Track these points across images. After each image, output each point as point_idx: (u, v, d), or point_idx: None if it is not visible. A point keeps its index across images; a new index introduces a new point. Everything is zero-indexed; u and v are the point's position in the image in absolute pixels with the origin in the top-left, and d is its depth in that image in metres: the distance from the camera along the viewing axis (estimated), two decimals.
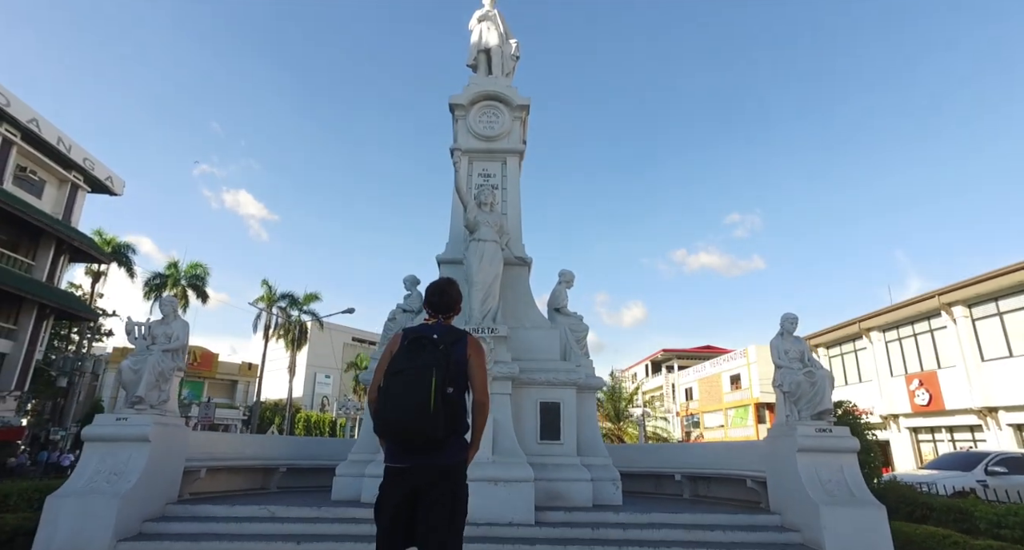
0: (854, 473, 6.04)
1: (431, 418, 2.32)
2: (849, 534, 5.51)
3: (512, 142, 9.01)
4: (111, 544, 5.30)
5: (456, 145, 8.87)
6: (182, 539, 5.54)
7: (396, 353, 2.55)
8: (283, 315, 34.87)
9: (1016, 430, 18.35)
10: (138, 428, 5.88)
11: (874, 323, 23.81)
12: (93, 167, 26.89)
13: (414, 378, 2.38)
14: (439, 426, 2.34)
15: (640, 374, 51.89)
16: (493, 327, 7.23)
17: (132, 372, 6.08)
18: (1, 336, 24.24)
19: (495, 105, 8.92)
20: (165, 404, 6.27)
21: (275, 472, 8.63)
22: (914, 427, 22.68)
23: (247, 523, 6.01)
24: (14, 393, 24.87)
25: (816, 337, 27.29)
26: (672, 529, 6.12)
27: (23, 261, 24.88)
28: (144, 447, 5.86)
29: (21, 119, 23.24)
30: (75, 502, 5.36)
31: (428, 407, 2.32)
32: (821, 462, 6.05)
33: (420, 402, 2.32)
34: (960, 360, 19.87)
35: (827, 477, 5.94)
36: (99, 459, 5.78)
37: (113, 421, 5.94)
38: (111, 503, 5.39)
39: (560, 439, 7.64)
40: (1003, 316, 18.66)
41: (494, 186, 8.42)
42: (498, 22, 9.55)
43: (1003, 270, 17.81)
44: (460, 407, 2.52)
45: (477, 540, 5.56)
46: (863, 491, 5.89)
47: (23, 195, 24.17)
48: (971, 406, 19.20)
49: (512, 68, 9.55)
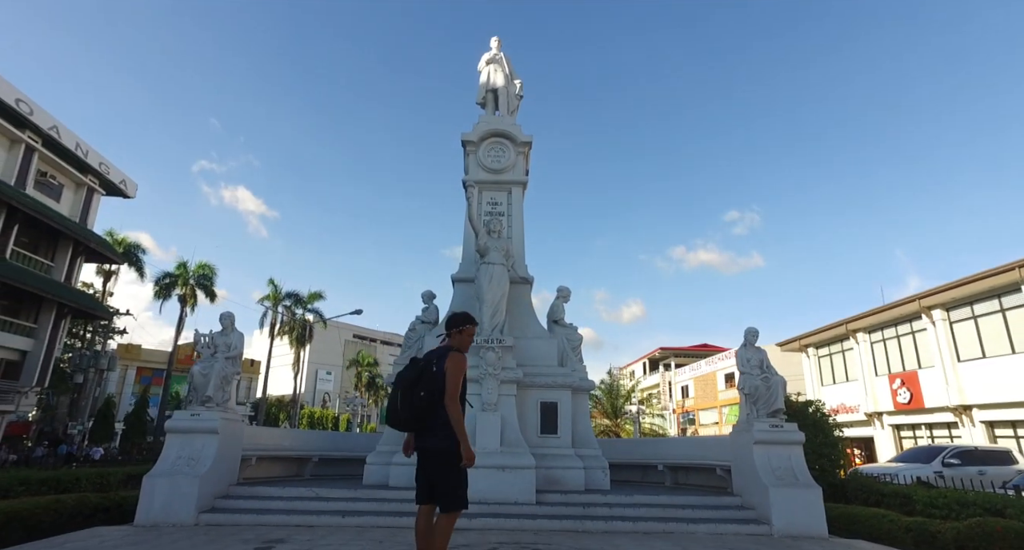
0: (799, 461, 7.40)
1: (398, 415, 3.68)
2: (791, 510, 6.89)
3: (516, 174, 10.35)
4: (194, 515, 6.66)
5: (467, 177, 10.21)
6: (249, 512, 6.91)
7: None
8: (288, 313, 36.19)
9: (988, 427, 19.74)
10: (209, 422, 7.23)
11: (860, 324, 25.17)
12: (108, 171, 28.16)
13: (396, 388, 3.72)
14: (406, 420, 3.67)
15: (638, 372, 53.33)
16: (501, 339, 8.62)
17: (202, 376, 7.42)
18: (23, 334, 25.54)
19: (502, 141, 10.25)
20: (227, 402, 7.61)
21: (309, 461, 10.01)
22: (896, 424, 24.08)
23: (297, 501, 7.39)
24: (35, 389, 26.25)
25: (806, 337, 28.67)
26: (650, 508, 7.50)
27: (43, 262, 26.16)
28: (214, 438, 7.22)
29: (43, 126, 24.47)
30: (165, 481, 6.72)
31: (396, 408, 3.68)
32: (773, 452, 7.41)
33: (392, 405, 3.76)
34: (939, 360, 21.24)
35: (777, 464, 7.31)
36: (179, 447, 7.14)
37: (188, 416, 7.28)
38: (193, 482, 6.75)
39: (557, 433, 9.04)
40: (977, 319, 20.03)
41: (500, 213, 9.79)
42: (504, 64, 10.85)
43: (977, 275, 19.14)
44: (427, 407, 3.66)
45: (489, 515, 6.94)
46: (805, 476, 7.26)
47: (44, 199, 25.43)
48: (948, 404, 20.58)
49: (516, 106, 10.87)
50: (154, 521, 6.57)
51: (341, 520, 6.81)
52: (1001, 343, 18.96)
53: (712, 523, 7.04)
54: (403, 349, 10.01)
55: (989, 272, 18.75)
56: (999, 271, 18.29)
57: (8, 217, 22.91)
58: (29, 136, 23.88)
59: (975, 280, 19.26)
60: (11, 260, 23.60)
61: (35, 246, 25.92)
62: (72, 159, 26.56)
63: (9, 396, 24.79)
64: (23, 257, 24.71)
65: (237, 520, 6.74)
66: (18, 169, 23.81)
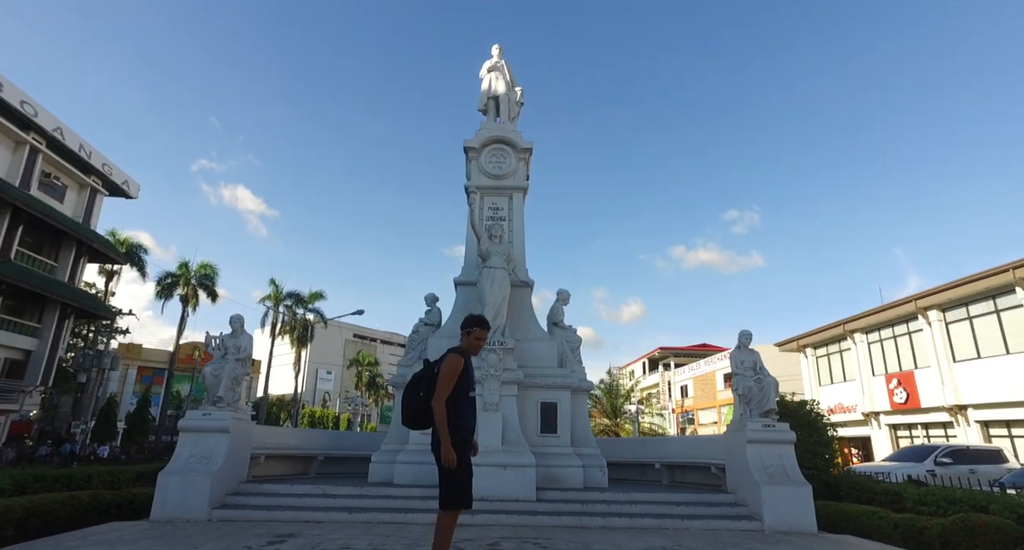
0: (791, 459, 7.69)
1: (401, 412, 4.02)
2: (782, 506, 7.17)
3: (517, 180, 10.64)
4: (207, 511, 6.95)
5: (469, 183, 10.51)
6: (260, 509, 7.19)
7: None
8: (289, 313, 36.48)
9: (983, 426, 20.02)
10: (220, 421, 7.52)
11: (858, 325, 25.46)
12: (111, 172, 28.42)
13: (404, 387, 4.10)
14: (407, 420, 3.97)
15: (638, 371, 53.65)
16: (502, 341, 8.91)
17: (213, 377, 7.70)
18: (27, 334, 25.82)
19: (503, 148, 10.55)
20: (237, 402, 7.90)
21: (314, 460, 10.29)
22: (893, 424, 24.37)
23: (306, 498, 7.67)
24: (39, 388, 26.54)
25: (804, 338, 28.96)
26: (647, 505, 7.78)
27: (46, 262, 26.43)
28: (225, 437, 7.50)
29: (47, 128, 24.71)
30: (179, 478, 7.01)
31: (401, 407, 4.04)
32: (765, 451, 7.70)
33: (400, 404, 4.12)
34: (934, 361, 21.54)
35: (769, 463, 7.59)
36: (192, 445, 7.43)
37: (200, 416, 7.57)
38: (205, 480, 7.04)
39: (557, 432, 9.33)
40: (972, 320, 20.31)
41: (502, 218, 10.08)
42: (505, 72, 11.14)
43: (972, 277, 19.42)
44: (424, 407, 3.80)
45: (490, 512, 7.22)
46: (796, 474, 7.54)
47: (47, 200, 25.69)
48: (943, 404, 20.86)
49: (517, 113, 11.16)
50: (169, 516, 6.85)
51: (348, 516, 7.09)
52: (996, 344, 19.24)
53: (706, 519, 7.32)
54: (407, 350, 10.30)
55: (984, 274, 19.02)
56: (994, 273, 18.56)
57: (13, 218, 23.16)
58: (33, 137, 24.13)
59: (971, 281, 19.53)
60: (15, 260, 23.87)
61: (39, 247, 26.19)
62: (76, 160, 26.82)
63: (14, 395, 25.08)
64: (27, 258, 24.98)
65: (249, 516, 7.02)
66: (23, 170, 24.06)
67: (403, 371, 9.53)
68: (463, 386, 3.83)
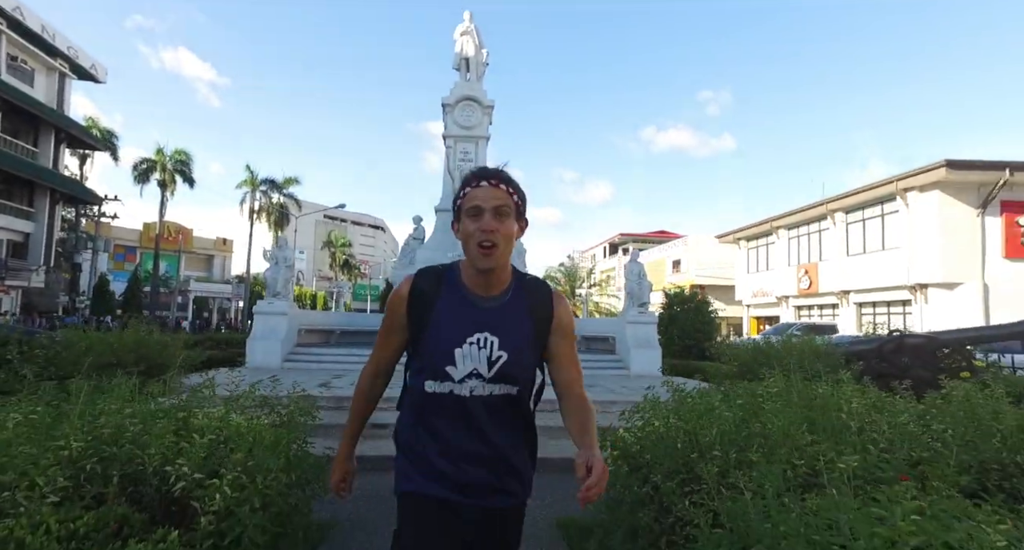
0: (653, 333, 12.48)
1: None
2: (642, 361, 12.05)
3: (482, 130, 13.95)
4: (280, 362, 11.42)
5: (446, 132, 13.81)
6: (310, 361, 11.71)
7: None
8: (266, 198, 39.40)
9: (858, 307, 25.95)
10: (281, 308, 11.75)
11: (781, 222, 30.40)
12: (77, 55, 29.34)
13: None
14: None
15: (599, 255, 59.26)
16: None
17: (272, 279, 11.76)
18: (22, 217, 28.68)
19: (471, 104, 13.71)
20: (289, 295, 12.04)
21: (334, 333, 14.78)
22: (798, 306, 30.43)
23: (340, 355, 12.19)
24: (42, 267, 30.09)
25: (739, 232, 34.04)
26: None
27: (27, 148, 28.42)
28: (284, 318, 11.77)
29: (6, 7, 25.33)
30: (261, 342, 11.37)
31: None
32: (638, 329, 12.42)
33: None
34: (834, 255, 26.86)
35: (639, 335, 12.35)
36: (263, 323, 11.70)
37: (267, 305, 11.74)
38: (276, 343, 11.42)
39: None
40: (865, 222, 25.29)
41: (470, 160, 13.61)
42: (475, 35, 13.90)
43: (868, 186, 23.99)
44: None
45: None
46: (654, 342, 12.38)
47: (19, 85, 27.02)
48: (833, 290, 26.57)
49: (483, 72, 14.15)
50: (257, 365, 11.30)
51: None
52: (877, 242, 24.39)
53: (606, 370, 12.19)
54: (399, 258, 14.36)
55: (877, 183, 23.56)
56: (883, 183, 23.08)
57: None
58: None
59: (867, 190, 24.12)
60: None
61: (15, 132, 27.91)
62: (40, 42, 27.65)
63: (23, 273, 28.67)
64: (8, 143, 26.91)
65: (306, 366, 11.53)
66: None
67: (398, 273, 13.66)
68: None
